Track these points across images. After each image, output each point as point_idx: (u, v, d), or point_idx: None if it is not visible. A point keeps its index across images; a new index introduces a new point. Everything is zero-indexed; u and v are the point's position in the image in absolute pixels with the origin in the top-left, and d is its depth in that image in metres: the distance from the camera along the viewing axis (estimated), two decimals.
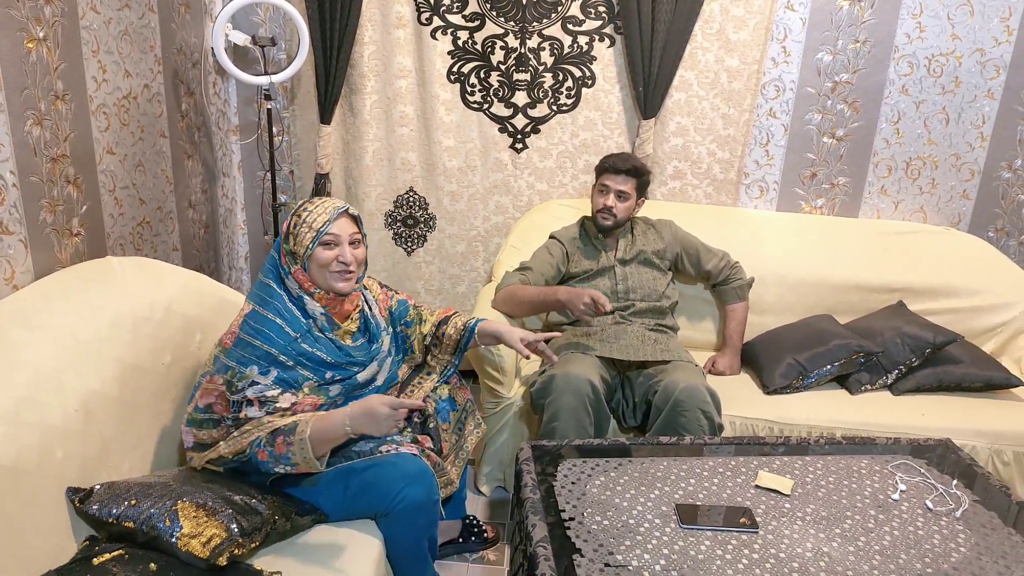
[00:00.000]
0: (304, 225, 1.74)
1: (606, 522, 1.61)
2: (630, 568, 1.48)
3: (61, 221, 1.94)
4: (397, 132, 2.99)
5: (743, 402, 2.37)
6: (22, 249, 1.80)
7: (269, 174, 2.90)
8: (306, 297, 1.75)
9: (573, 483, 1.75)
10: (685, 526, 1.61)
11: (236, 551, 1.46)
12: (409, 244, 3.17)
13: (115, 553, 1.40)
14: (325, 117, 2.92)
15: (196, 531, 1.44)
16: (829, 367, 2.46)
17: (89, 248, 2.07)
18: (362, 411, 1.57)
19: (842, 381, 2.53)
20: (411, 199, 3.10)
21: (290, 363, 1.68)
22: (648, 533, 1.58)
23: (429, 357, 2.03)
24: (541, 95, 2.96)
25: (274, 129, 2.85)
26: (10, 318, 1.63)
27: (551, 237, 2.63)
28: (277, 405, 1.66)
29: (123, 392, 1.71)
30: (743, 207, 3.10)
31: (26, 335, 1.59)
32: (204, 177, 2.86)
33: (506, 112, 2.99)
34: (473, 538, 2.23)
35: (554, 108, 2.98)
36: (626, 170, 2.46)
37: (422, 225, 3.14)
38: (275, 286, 1.75)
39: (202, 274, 2.21)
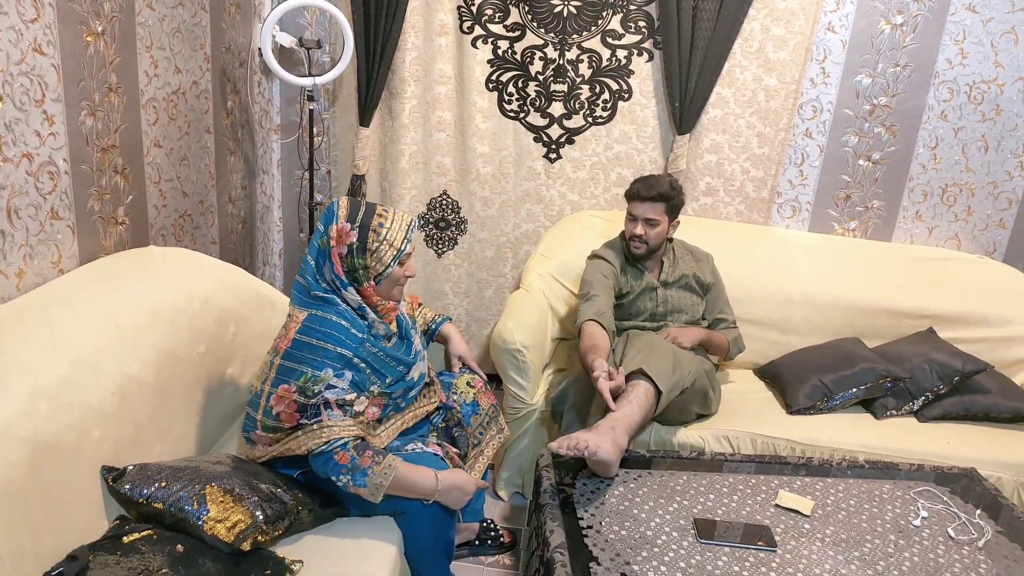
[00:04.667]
0: (385, 243, 1.68)
1: (624, 532, 1.62)
2: None
3: (108, 209, 2.01)
4: (434, 137, 3.04)
5: (765, 421, 2.36)
6: (70, 235, 1.86)
7: (308, 173, 2.96)
8: (367, 309, 1.72)
9: (592, 492, 1.76)
10: (703, 541, 1.61)
11: (260, 537, 1.49)
12: (440, 246, 3.21)
13: (144, 533, 1.44)
14: (364, 120, 2.97)
15: (222, 516, 1.48)
16: (855, 390, 2.45)
17: (132, 237, 2.14)
18: (454, 486, 1.71)
19: (867, 405, 2.51)
20: (444, 202, 3.14)
21: (362, 365, 1.67)
22: (665, 545, 1.59)
23: None
24: (577, 106, 2.99)
25: (314, 129, 2.92)
26: (55, 300, 1.69)
27: (595, 256, 2.52)
28: (355, 409, 1.66)
29: (158, 378, 1.75)
30: (775, 226, 3.09)
31: (69, 317, 1.65)
32: (244, 173, 2.93)
33: (542, 122, 3.02)
34: (489, 542, 2.25)
35: (589, 120, 3.01)
36: (651, 197, 2.37)
37: (453, 228, 3.18)
38: (330, 295, 1.70)
39: (239, 268, 2.27)
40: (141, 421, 1.68)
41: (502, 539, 2.27)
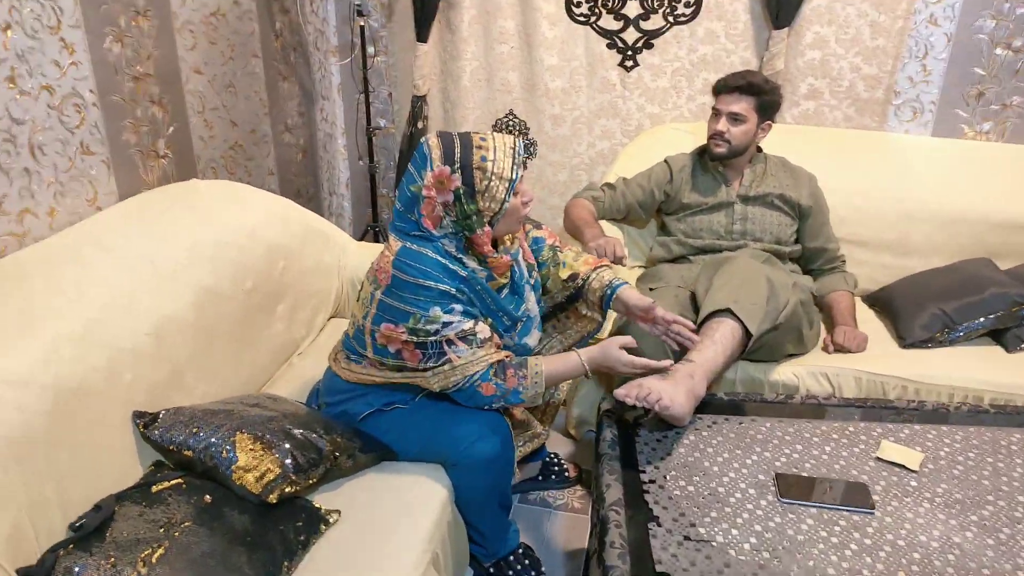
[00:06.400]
0: (495, 178, 1.48)
1: (691, 488, 1.43)
2: (713, 544, 1.30)
3: (146, 142, 1.93)
4: (496, 50, 2.80)
5: (873, 356, 2.07)
6: (104, 170, 1.79)
7: (364, 96, 2.80)
8: (464, 258, 1.54)
9: (658, 441, 1.57)
10: (784, 500, 1.40)
11: (288, 488, 1.40)
12: None
13: (174, 482, 1.39)
14: (422, 34, 2.77)
15: (251, 464, 1.40)
16: (982, 320, 2.11)
17: (178, 170, 2.06)
18: (602, 358, 1.58)
19: (997, 337, 2.16)
20: (510, 123, 2.94)
21: (464, 298, 1.53)
22: (739, 504, 1.39)
23: (564, 315, 1.84)
24: (656, 4, 2.67)
25: (370, 49, 2.73)
26: (87, 238, 1.64)
27: (664, 161, 2.37)
28: (480, 337, 1.52)
29: (199, 317, 1.69)
30: (891, 131, 2.70)
31: (100, 256, 1.59)
32: (301, 100, 2.81)
33: (615, 25, 2.72)
34: (553, 476, 2.12)
35: (670, 19, 2.68)
36: (738, 87, 2.11)
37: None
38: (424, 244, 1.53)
39: (291, 200, 2.16)
40: (180, 362, 1.62)
41: (567, 473, 2.13)
